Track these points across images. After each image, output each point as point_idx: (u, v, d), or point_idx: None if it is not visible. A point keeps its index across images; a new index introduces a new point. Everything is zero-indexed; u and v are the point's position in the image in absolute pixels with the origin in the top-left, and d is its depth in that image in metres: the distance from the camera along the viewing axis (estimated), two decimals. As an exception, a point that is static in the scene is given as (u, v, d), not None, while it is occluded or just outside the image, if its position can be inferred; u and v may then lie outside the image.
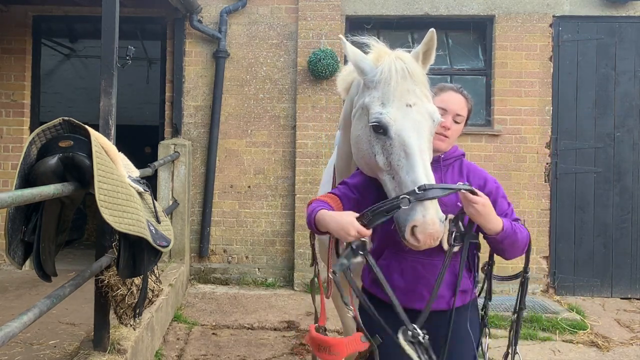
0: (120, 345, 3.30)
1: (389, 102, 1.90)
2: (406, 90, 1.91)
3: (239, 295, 5.75)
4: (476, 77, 6.15)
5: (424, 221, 1.75)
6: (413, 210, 1.76)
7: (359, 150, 2.00)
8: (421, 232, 1.75)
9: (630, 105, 5.99)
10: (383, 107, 1.90)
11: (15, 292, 4.99)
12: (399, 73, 1.91)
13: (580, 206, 5.98)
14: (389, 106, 1.89)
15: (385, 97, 1.91)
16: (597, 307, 5.60)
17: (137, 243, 2.75)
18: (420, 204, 1.76)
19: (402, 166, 1.84)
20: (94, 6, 5.71)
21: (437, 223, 1.77)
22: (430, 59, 2.03)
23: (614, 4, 5.94)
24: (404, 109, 1.89)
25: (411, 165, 1.82)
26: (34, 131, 2.54)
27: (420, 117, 1.90)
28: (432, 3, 6.03)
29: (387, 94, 1.91)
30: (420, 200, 1.75)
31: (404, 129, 1.87)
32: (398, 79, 1.91)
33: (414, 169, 1.82)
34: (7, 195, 1.96)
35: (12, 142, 6.04)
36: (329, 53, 5.81)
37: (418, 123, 1.89)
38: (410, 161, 1.83)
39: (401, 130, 1.87)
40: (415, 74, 1.94)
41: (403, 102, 1.90)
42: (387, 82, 1.91)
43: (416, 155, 1.83)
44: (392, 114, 1.88)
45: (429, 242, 1.78)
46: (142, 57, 8.88)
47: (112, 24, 3.24)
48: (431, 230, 1.75)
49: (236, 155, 6.20)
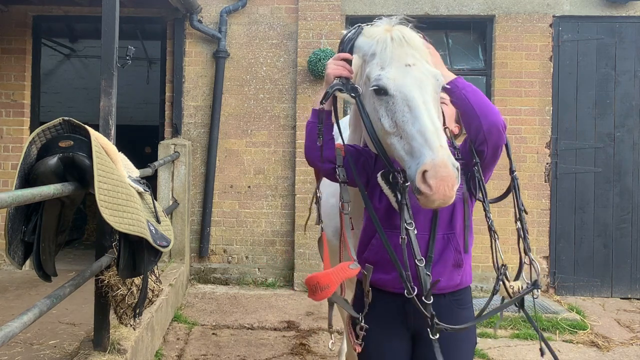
0: (120, 345, 3.30)
1: (387, 64, 1.88)
2: (404, 53, 1.90)
3: (239, 295, 5.75)
4: (476, 77, 6.15)
5: (434, 164, 1.66)
6: (421, 156, 1.69)
7: (370, 127, 1.92)
8: (433, 176, 1.65)
9: (630, 105, 5.99)
10: (382, 70, 1.88)
11: (15, 292, 4.99)
12: (395, 40, 1.92)
13: (580, 206, 5.98)
14: (387, 68, 1.87)
15: (383, 61, 1.89)
16: (597, 307, 5.60)
17: (137, 243, 2.75)
18: (428, 148, 1.69)
19: (406, 120, 1.78)
20: (94, 6, 5.71)
21: (450, 166, 1.67)
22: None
23: (614, 4, 5.94)
24: (404, 69, 1.87)
25: (416, 116, 1.77)
26: (34, 131, 2.55)
27: (421, 75, 1.86)
28: (432, 3, 6.04)
29: (384, 58, 1.90)
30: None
31: (405, 85, 1.83)
32: (395, 45, 1.91)
33: (419, 119, 1.76)
34: (7, 195, 1.96)
35: (12, 142, 6.04)
36: (329, 53, 5.81)
37: (419, 80, 1.85)
38: (415, 113, 1.77)
39: (402, 86, 1.83)
40: (413, 40, 1.94)
41: (402, 62, 1.88)
42: (384, 48, 1.91)
43: (420, 107, 1.78)
44: (392, 73, 1.85)
45: (442, 189, 1.65)
46: (142, 57, 8.89)
47: (112, 24, 3.24)
48: (443, 174, 1.65)
49: (236, 155, 6.20)
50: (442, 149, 1.69)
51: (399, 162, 1.84)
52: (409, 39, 1.93)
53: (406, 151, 1.77)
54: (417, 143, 1.73)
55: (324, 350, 4.42)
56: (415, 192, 1.71)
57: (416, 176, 1.69)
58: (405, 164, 1.78)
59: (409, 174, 1.75)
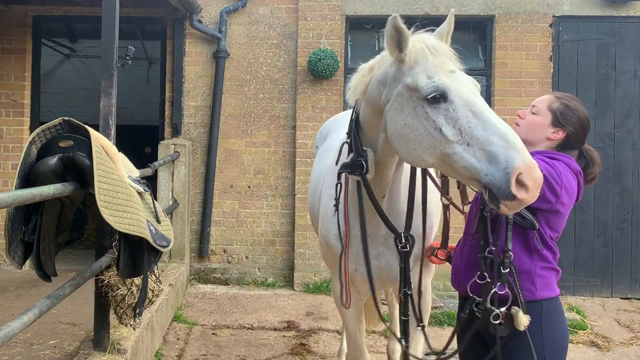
0: (120, 345, 3.30)
1: (434, 72, 1.84)
2: (444, 61, 1.89)
3: (239, 295, 5.75)
4: (476, 77, 6.09)
5: (527, 165, 1.58)
6: (509, 160, 1.60)
7: (412, 139, 1.83)
8: (529, 177, 1.57)
9: (630, 105, 5.99)
10: (431, 78, 1.83)
11: (15, 292, 4.99)
12: (431, 49, 1.90)
13: (580, 206, 5.97)
14: (437, 75, 1.83)
15: (429, 70, 1.85)
16: (597, 307, 5.60)
17: (137, 243, 2.75)
18: (514, 150, 1.61)
19: (474, 125, 1.70)
20: (94, 6, 5.72)
21: (538, 166, 1.62)
22: (447, 42, 2.03)
23: (614, 4, 5.94)
24: (451, 75, 1.84)
25: (485, 120, 1.70)
26: (34, 131, 2.55)
27: (467, 81, 1.86)
28: (432, 3, 6.04)
29: (429, 67, 1.86)
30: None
31: (461, 90, 1.78)
32: (433, 54, 1.90)
33: (490, 122, 1.69)
34: (7, 195, 1.96)
35: (12, 142, 6.04)
36: (329, 53, 5.81)
37: (469, 85, 1.84)
38: (481, 117, 1.71)
39: (459, 92, 1.78)
40: (445, 50, 1.94)
41: (446, 69, 1.86)
42: (425, 57, 1.88)
43: (484, 110, 1.72)
44: (444, 79, 1.81)
45: (535, 190, 1.59)
46: (142, 57, 8.89)
47: (112, 24, 3.24)
48: (537, 174, 1.59)
49: (236, 155, 6.20)
50: (525, 149, 1.64)
51: (463, 172, 1.74)
52: (442, 48, 1.93)
53: (479, 158, 1.68)
54: (496, 147, 1.64)
55: (324, 350, 4.42)
56: (505, 198, 1.62)
57: (510, 180, 1.59)
58: (478, 172, 1.68)
59: (490, 181, 1.65)
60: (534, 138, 2.19)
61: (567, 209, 2.10)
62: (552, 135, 2.18)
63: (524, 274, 2.06)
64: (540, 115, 2.20)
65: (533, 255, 2.08)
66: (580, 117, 2.20)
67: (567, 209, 2.10)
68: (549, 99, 2.23)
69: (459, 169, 1.74)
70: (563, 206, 2.06)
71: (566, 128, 2.17)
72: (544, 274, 2.10)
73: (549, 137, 2.18)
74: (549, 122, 2.19)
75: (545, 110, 2.20)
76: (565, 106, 2.20)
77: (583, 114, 2.22)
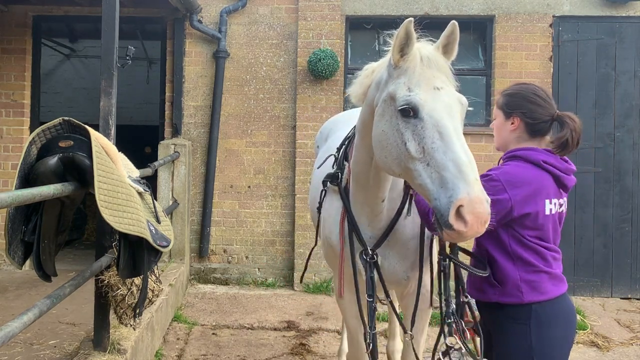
0: (120, 345, 3.30)
1: (416, 85, 1.82)
2: (432, 76, 1.85)
3: (239, 295, 5.75)
4: (476, 77, 6.14)
5: (471, 199, 1.57)
6: (456, 189, 1.60)
7: (385, 146, 1.87)
8: (469, 212, 1.57)
9: (630, 105, 5.99)
10: (410, 90, 1.81)
11: (15, 292, 4.99)
12: (424, 61, 1.87)
13: (580, 206, 5.97)
14: (416, 89, 1.81)
15: (412, 82, 1.84)
16: (597, 307, 5.60)
17: (137, 243, 2.75)
18: (463, 181, 1.60)
19: (437, 148, 1.69)
20: (94, 6, 5.71)
21: (485, 202, 1.60)
22: (452, 53, 1.96)
23: (614, 4, 5.94)
24: (433, 92, 1.81)
25: (448, 145, 1.68)
26: (34, 131, 2.55)
27: (450, 100, 1.82)
28: (432, 3, 6.04)
29: (413, 79, 1.84)
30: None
31: (436, 110, 1.76)
32: (423, 66, 1.86)
33: (452, 147, 1.67)
34: (7, 195, 1.96)
35: (12, 142, 6.03)
36: (329, 53, 5.81)
37: (449, 105, 1.80)
38: (446, 140, 1.69)
39: (433, 111, 1.76)
40: (439, 62, 1.89)
41: (430, 85, 1.83)
42: (413, 68, 1.86)
43: (452, 134, 1.71)
44: (421, 95, 1.79)
45: (476, 226, 1.58)
46: (142, 57, 8.89)
47: (112, 24, 3.24)
48: (480, 210, 1.57)
49: (236, 155, 6.20)
50: (478, 182, 1.62)
51: (419, 189, 1.76)
52: (436, 61, 1.88)
53: (433, 180, 1.68)
54: (449, 174, 1.64)
55: (324, 350, 4.42)
56: (444, 226, 1.63)
57: (450, 210, 1.60)
58: (430, 193, 1.70)
59: (436, 205, 1.66)
60: (504, 140, 2.26)
61: (532, 202, 2.07)
62: (512, 127, 2.21)
63: (509, 281, 2.12)
64: (497, 118, 2.28)
65: (516, 262, 2.13)
66: (525, 96, 2.20)
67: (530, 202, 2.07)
68: (497, 100, 2.30)
69: (416, 185, 1.77)
70: (521, 204, 2.06)
71: (516, 112, 2.19)
72: (530, 279, 2.12)
73: (510, 130, 2.22)
74: (502, 118, 2.24)
75: (497, 111, 2.28)
76: (507, 96, 2.25)
77: (527, 91, 2.22)
